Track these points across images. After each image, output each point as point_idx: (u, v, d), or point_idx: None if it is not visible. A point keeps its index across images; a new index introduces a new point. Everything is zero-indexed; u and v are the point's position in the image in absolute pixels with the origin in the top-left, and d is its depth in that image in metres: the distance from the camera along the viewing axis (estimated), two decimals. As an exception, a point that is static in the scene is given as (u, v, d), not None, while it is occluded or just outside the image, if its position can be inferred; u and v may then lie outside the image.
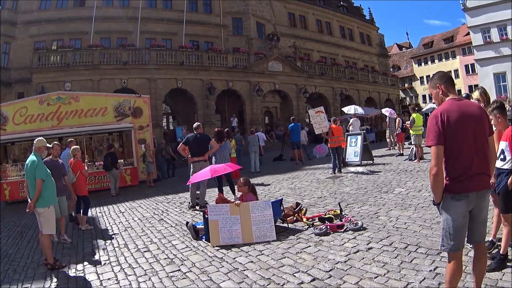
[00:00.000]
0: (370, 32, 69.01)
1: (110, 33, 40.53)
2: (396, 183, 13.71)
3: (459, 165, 4.27)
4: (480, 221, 4.41)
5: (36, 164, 8.10)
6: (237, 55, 42.38)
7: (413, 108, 21.08)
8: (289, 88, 45.91)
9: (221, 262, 7.30)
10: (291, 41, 50.33)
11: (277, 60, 44.68)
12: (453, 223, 4.27)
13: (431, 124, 4.35)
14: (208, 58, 39.94)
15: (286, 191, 14.55)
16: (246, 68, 41.90)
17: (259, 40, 46.78)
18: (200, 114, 38.42)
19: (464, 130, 4.26)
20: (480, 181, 4.29)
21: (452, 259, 4.34)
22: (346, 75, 53.18)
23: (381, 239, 7.64)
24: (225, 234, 8.42)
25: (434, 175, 4.25)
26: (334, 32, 60.81)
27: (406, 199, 10.91)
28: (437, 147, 4.25)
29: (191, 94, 39.03)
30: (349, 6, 68.06)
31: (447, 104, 4.42)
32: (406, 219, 8.92)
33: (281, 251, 7.57)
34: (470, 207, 4.29)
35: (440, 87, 4.60)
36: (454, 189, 4.28)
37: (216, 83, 39.26)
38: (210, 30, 45.72)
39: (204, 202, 12.64)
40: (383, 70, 66.45)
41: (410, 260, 6.41)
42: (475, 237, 4.45)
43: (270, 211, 8.72)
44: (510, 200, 5.85)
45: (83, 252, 9.05)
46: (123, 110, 21.37)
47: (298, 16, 56.15)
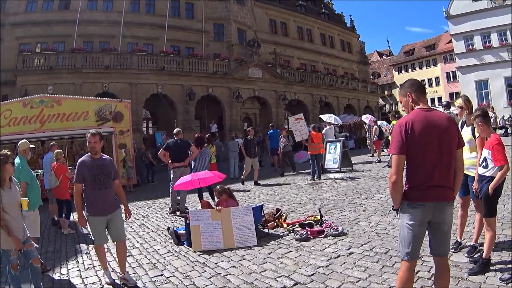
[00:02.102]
0: (350, 39, 69.33)
1: (93, 37, 40.29)
2: (376, 189, 13.84)
3: (420, 175, 4.29)
4: (441, 234, 4.40)
5: (21, 167, 8.07)
6: (218, 61, 42.41)
7: (394, 115, 21.26)
8: (269, 95, 45.95)
9: (204, 267, 7.33)
10: (271, 48, 50.49)
11: (257, 66, 44.74)
12: (408, 231, 4.30)
13: (395, 132, 4.36)
14: (189, 64, 39.92)
15: (266, 197, 14.59)
16: (227, 74, 41.88)
17: (240, 46, 46.76)
18: (180, 119, 38.30)
19: (428, 141, 4.25)
20: (439, 193, 4.28)
21: (405, 268, 4.35)
22: (325, 82, 53.39)
23: (362, 244, 7.72)
24: (206, 239, 8.46)
25: (393, 183, 4.30)
26: (315, 39, 61.09)
27: (386, 205, 10.99)
28: (398, 156, 4.28)
29: (171, 99, 38.93)
30: (331, 13, 68.36)
31: (413, 114, 4.41)
32: (386, 224, 9.03)
33: (263, 256, 7.61)
34: (428, 217, 4.28)
35: (410, 95, 4.57)
36: (411, 197, 4.30)
37: (196, 89, 39.18)
38: (192, 36, 45.66)
39: (184, 208, 12.65)
40: (363, 77, 66.74)
41: (391, 264, 6.51)
42: (437, 249, 4.44)
43: (251, 217, 8.80)
44: (492, 205, 5.98)
45: (66, 256, 8.99)
46: (104, 114, 21.24)
47: (279, 23, 56.40)
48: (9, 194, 6.01)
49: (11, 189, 6.09)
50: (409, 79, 5.07)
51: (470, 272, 5.77)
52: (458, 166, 4.50)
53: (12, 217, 5.94)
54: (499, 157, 5.85)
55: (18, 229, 6.03)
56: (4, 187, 5.97)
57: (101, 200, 6.78)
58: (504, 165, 5.81)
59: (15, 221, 5.99)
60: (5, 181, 6.02)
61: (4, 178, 6.00)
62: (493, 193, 5.93)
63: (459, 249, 6.75)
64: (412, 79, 4.92)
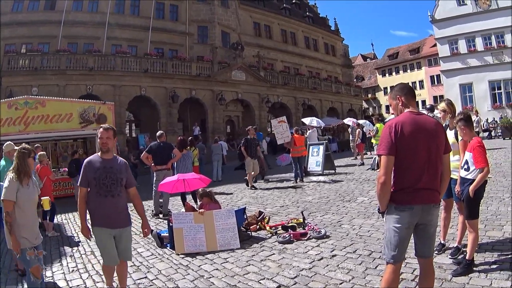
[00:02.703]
0: (335, 42, 69.65)
1: (78, 38, 39.96)
2: (359, 192, 13.87)
3: (407, 178, 4.30)
4: (427, 235, 4.43)
5: (6, 169, 7.87)
6: (201, 63, 42.36)
7: (377, 118, 21.33)
8: (252, 98, 46.04)
9: (187, 270, 7.32)
10: (255, 51, 50.49)
11: (240, 69, 44.87)
12: (394, 234, 4.30)
13: (385, 134, 4.38)
14: (172, 66, 39.92)
15: (249, 200, 14.58)
16: (210, 77, 41.91)
17: (223, 49, 46.67)
18: (163, 122, 38.27)
19: (417, 144, 4.28)
20: (427, 195, 4.31)
21: (390, 271, 4.35)
22: (309, 85, 53.64)
23: (345, 246, 7.74)
24: (189, 242, 8.45)
25: (381, 184, 4.29)
26: (299, 42, 61.30)
27: (369, 208, 11.05)
28: (387, 157, 4.29)
29: (154, 101, 38.84)
30: (315, 16, 68.67)
31: (403, 116, 4.44)
32: (369, 227, 9.05)
33: (246, 259, 7.61)
34: (415, 220, 4.30)
35: (400, 98, 4.62)
36: (398, 200, 4.31)
37: (179, 91, 39.19)
38: (176, 38, 45.53)
39: (167, 210, 12.64)
40: (347, 81, 66.99)
41: (374, 266, 6.53)
42: (422, 251, 4.46)
43: (234, 220, 8.80)
44: (474, 207, 6.06)
45: (51, 259, 8.89)
46: (88, 116, 20.92)
47: (264, 26, 56.56)
48: (26, 191, 5.79)
49: (29, 186, 5.89)
50: (399, 83, 5.11)
51: (454, 273, 5.84)
52: (445, 170, 4.54)
53: (25, 215, 5.73)
54: (480, 159, 5.94)
55: (29, 229, 5.78)
56: (23, 183, 5.77)
57: (106, 210, 5.83)
58: (485, 167, 5.89)
59: (27, 220, 5.76)
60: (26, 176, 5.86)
61: (26, 172, 5.86)
62: (475, 195, 6.00)
63: (442, 250, 6.80)
64: (402, 83, 4.96)
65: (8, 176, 5.76)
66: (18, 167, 5.82)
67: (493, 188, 11.89)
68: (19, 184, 5.68)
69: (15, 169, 5.82)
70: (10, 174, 5.78)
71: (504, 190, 11.62)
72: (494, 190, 11.54)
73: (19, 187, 5.67)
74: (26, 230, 5.70)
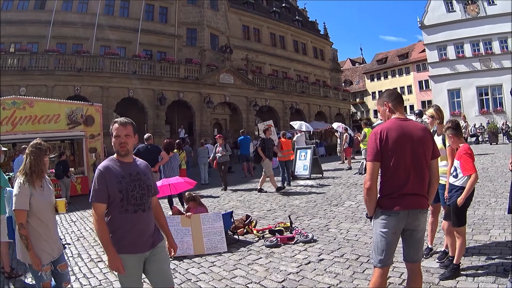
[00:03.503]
0: (323, 47, 69.76)
1: (66, 39, 39.70)
2: (346, 197, 13.93)
3: (393, 183, 4.36)
4: (415, 240, 4.47)
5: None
6: (190, 66, 42.20)
7: (365, 123, 21.38)
8: (240, 101, 45.86)
9: (174, 273, 7.25)
10: (244, 54, 50.54)
11: (228, 72, 44.68)
12: (381, 238, 4.35)
13: (371, 140, 4.45)
14: (161, 68, 39.72)
15: (236, 203, 14.61)
16: (198, 80, 41.73)
17: (212, 52, 46.62)
18: (150, 124, 38.01)
19: (402, 149, 4.33)
20: (413, 200, 4.34)
21: (377, 275, 4.39)
22: (297, 89, 53.53)
23: (332, 250, 7.77)
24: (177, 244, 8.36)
25: (367, 189, 4.36)
26: (288, 46, 61.33)
27: (356, 212, 11.12)
28: (373, 163, 4.37)
29: (142, 103, 38.64)
30: (304, 20, 68.70)
31: (389, 123, 4.51)
32: (356, 231, 9.10)
33: (233, 263, 7.61)
34: (402, 225, 4.35)
35: (387, 104, 4.67)
36: (385, 205, 4.36)
37: (167, 94, 39.08)
38: (164, 40, 45.39)
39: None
40: (335, 85, 67.03)
41: (362, 270, 6.57)
42: (410, 256, 4.50)
43: (221, 223, 8.80)
44: (461, 215, 6.12)
45: (40, 261, 8.80)
46: (76, 118, 21.01)
47: (253, 29, 56.46)
48: (41, 195, 4.97)
49: (43, 188, 5.07)
50: (387, 89, 5.16)
51: (441, 277, 5.90)
52: (433, 176, 4.58)
53: (43, 223, 4.93)
54: (467, 166, 6.00)
55: (48, 240, 4.98)
56: (36, 186, 4.94)
57: (137, 230, 4.29)
58: (472, 174, 5.92)
59: (46, 228, 4.97)
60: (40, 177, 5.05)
61: (41, 173, 5.05)
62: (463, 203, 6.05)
63: (430, 254, 6.87)
64: (390, 89, 5.02)
65: (17, 180, 4.95)
66: (30, 167, 4.96)
67: (480, 192, 12.01)
68: (31, 188, 4.87)
69: (26, 169, 4.97)
70: (19, 178, 4.96)
71: (491, 194, 11.80)
72: (481, 195, 11.68)
73: (32, 191, 4.86)
74: (45, 242, 4.92)
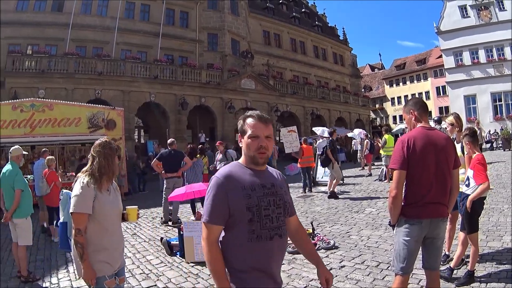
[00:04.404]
0: (343, 52, 69.54)
1: (86, 42, 39.80)
2: (367, 203, 13.95)
3: (417, 191, 4.40)
4: (435, 248, 4.53)
5: (15, 174, 7.93)
6: (211, 71, 42.19)
7: (386, 129, 21.32)
8: (261, 106, 45.26)
9: (197, 278, 7.35)
10: (264, 59, 50.47)
11: (250, 77, 44.65)
12: (404, 246, 4.40)
13: (397, 148, 4.51)
14: (182, 73, 39.75)
15: (258, 209, 14.50)
16: (219, 85, 41.72)
17: (233, 57, 46.60)
18: (172, 129, 37.91)
19: (427, 158, 4.38)
20: (435, 209, 4.40)
21: (398, 282, 4.46)
22: (317, 95, 53.28)
23: (353, 257, 7.81)
24: (200, 251, 8.31)
25: (393, 197, 4.41)
26: (308, 51, 61.24)
27: (377, 219, 11.11)
28: (399, 171, 4.41)
29: (163, 108, 38.65)
30: (324, 26, 68.53)
31: (416, 131, 4.56)
32: (377, 238, 9.13)
33: (255, 268, 7.59)
34: (424, 233, 4.40)
35: (413, 113, 4.72)
36: (408, 213, 4.42)
37: (189, 99, 39.04)
38: (185, 45, 45.53)
39: (176, 218, 12.70)
40: (355, 91, 66.80)
41: (382, 277, 6.62)
42: (429, 263, 4.57)
43: (245, 229, 8.74)
44: (473, 222, 6.18)
45: (57, 265, 8.90)
46: (97, 121, 21.10)
47: (273, 34, 56.49)
48: (107, 200, 4.30)
49: (109, 192, 4.39)
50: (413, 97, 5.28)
51: (457, 283, 5.97)
52: (454, 185, 4.64)
53: (107, 232, 4.22)
54: (480, 176, 6.08)
55: (112, 250, 4.29)
56: (102, 190, 4.28)
57: (271, 263, 3.01)
58: (485, 182, 6.00)
59: (110, 238, 4.26)
60: (109, 180, 4.40)
61: (112, 175, 4.41)
62: (473, 211, 6.14)
63: (447, 261, 6.91)
64: (416, 98, 5.14)
65: (80, 180, 4.24)
66: (100, 169, 4.29)
67: (494, 199, 12.04)
68: (96, 190, 4.21)
69: (94, 171, 4.30)
70: (83, 178, 4.26)
71: (504, 201, 11.84)
72: (494, 201, 11.71)
73: (97, 194, 4.20)
74: (107, 252, 4.22)
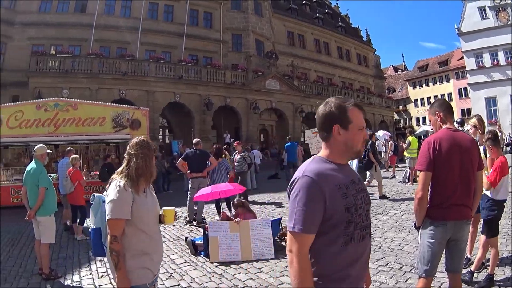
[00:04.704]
0: (367, 53, 69.29)
1: (110, 42, 40.20)
2: (391, 205, 13.89)
3: (442, 193, 4.42)
4: (459, 250, 4.54)
5: (40, 172, 8.03)
6: (236, 71, 42.27)
7: (410, 131, 21.22)
8: (286, 107, 45.69)
9: (221, 278, 7.39)
10: (289, 60, 50.47)
11: (274, 78, 44.62)
12: (428, 248, 4.43)
13: (424, 149, 4.53)
14: (207, 73, 39.90)
15: (283, 210, 14.52)
16: (244, 85, 41.79)
17: (257, 57, 46.67)
18: (196, 129, 38.18)
19: (452, 160, 4.39)
20: (459, 211, 4.41)
21: (422, 284, 4.48)
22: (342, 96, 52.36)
23: (377, 259, 7.80)
24: (224, 251, 8.53)
25: (419, 199, 4.44)
26: (332, 52, 61.11)
27: (401, 221, 11.10)
28: (425, 173, 4.43)
29: (188, 108, 38.85)
30: (347, 27, 68.30)
31: (441, 133, 4.57)
32: (400, 240, 9.11)
33: (280, 269, 7.66)
34: (448, 235, 4.42)
35: (439, 114, 4.75)
36: (433, 215, 4.45)
37: (213, 99, 39.14)
38: (210, 45, 45.64)
39: (201, 218, 12.73)
40: (379, 92, 66.29)
41: (405, 280, 6.63)
42: (452, 266, 4.58)
43: (269, 230, 8.87)
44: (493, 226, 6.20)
45: (79, 263, 8.98)
46: (122, 121, 21.27)
47: (297, 35, 56.44)
48: (144, 202, 3.85)
49: (146, 194, 3.95)
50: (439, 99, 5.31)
51: (477, 286, 6.00)
52: (477, 187, 4.64)
53: (146, 236, 3.78)
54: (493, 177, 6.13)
55: (152, 253, 3.85)
56: (140, 192, 3.84)
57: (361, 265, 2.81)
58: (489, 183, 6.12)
59: (148, 243, 3.81)
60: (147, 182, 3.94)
61: (150, 177, 3.94)
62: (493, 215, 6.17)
63: (468, 265, 6.90)
64: (441, 99, 5.16)
65: (115, 183, 3.78)
66: (137, 170, 3.82)
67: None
68: (134, 193, 3.77)
69: (131, 172, 3.82)
70: (119, 180, 3.80)
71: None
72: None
73: (135, 197, 3.77)
74: (147, 258, 3.79)
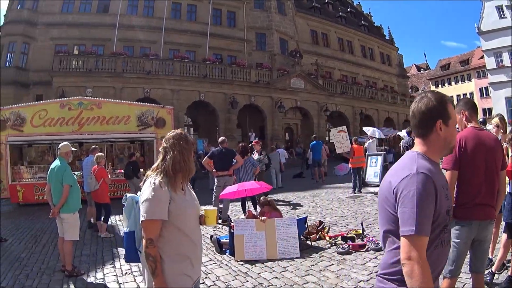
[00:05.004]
0: (390, 52, 68.96)
1: (133, 42, 40.54)
2: (416, 205, 13.71)
3: (467, 192, 4.38)
4: (483, 250, 4.51)
5: (64, 169, 8.09)
6: (260, 70, 42.29)
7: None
8: (310, 106, 45.65)
9: (246, 277, 7.37)
10: (313, 59, 50.36)
11: (299, 77, 44.60)
12: (453, 249, 4.36)
13: None
14: (232, 72, 40.02)
15: (308, 209, 14.55)
16: (269, 84, 41.81)
17: (281, 56, 46.66)
18: (221, 127, 38.43)
19: (477, 158, 4.36)
20: (484, 211, 4.37)
21: (446, 285, 4.44)
22: (366, 95, 52.95)
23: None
24: (250, 249, 8.51)
25: None
26: (355, 51, 60.86)
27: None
28: (451, 171, 4.38)
29: (213, 107, 38.98)
30: (370, 25, 68.08)
31: (467, 131, 4.56)
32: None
33: (305, 268, 7.63)
34: (473, 235, 4.38)
35: (464, 113, 4.74)
36: (459, 215, 4.37)
37: (238, 98, 39.22)
38: (234, 44, 45.75)
39: (226, 216, 12.74)
40: (402, 91, 66.05)
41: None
42: (476, 266, 4.55)
43: (295, 229, 8.82)
44: None
45: (103, 260, 9.04)
46: (146, 119, 21.25)
47: (321, 34, 56.34)
48: (183, 199, 3.50)
49: (184, 192, 3.58)
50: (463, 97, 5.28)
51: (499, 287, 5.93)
52: (501, 187, 4.63)
53: (186, 237, 3.44)
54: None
55: (193, 256, 3.54)
56: (177, 190, 3.47)
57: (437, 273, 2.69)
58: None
59: (190, 245, 3.49)
60: (185, 178, 3.60)
61: (191, 171, 3.59)
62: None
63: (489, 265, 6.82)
64: (466, 98, 5.13)
65: (150, 181, 3.42)
66: (174, 165, 3.46)
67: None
68: (171, 191, 3.40)
69: (168, 167, 3.47)
70: (154, 178, 3.45)
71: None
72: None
73: (172, 195, 3.40)
74: (188, 262, 3.48)
